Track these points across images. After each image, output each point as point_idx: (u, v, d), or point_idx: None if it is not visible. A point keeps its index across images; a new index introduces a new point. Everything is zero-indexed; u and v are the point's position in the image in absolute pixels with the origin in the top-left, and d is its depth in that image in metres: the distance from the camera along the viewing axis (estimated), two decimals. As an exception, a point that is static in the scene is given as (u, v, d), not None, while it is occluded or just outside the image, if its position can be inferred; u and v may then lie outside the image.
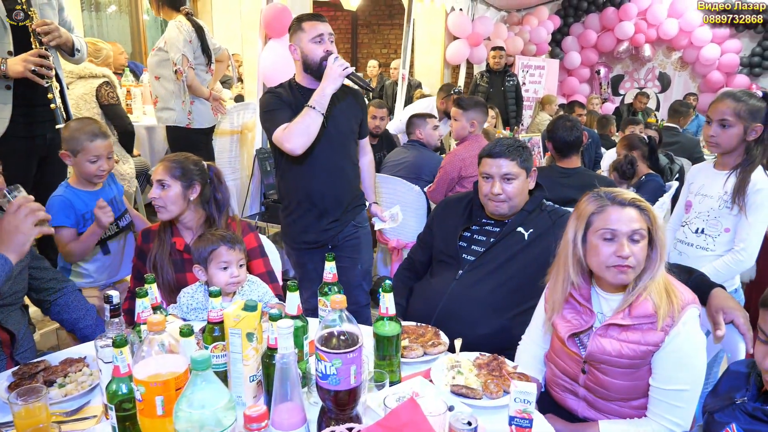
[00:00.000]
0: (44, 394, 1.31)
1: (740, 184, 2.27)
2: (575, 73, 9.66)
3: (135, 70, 5.57)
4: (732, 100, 2.27)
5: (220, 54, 4.14)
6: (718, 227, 2.36)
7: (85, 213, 2.48)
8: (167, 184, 2.06)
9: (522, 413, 1.27)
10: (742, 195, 2.26)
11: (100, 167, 2.44)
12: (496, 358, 1.66)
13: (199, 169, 2.14)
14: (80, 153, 2.41)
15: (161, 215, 2.09)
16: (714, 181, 2.40)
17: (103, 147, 2.43)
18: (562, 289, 1.65)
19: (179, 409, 1.04)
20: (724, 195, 2.33)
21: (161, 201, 2.06)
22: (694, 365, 1.50)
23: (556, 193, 2.96)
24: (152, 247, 2.13)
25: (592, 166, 5.35)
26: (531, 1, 8.99)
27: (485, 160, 2.16)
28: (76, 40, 2.86)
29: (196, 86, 3.77)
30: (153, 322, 1.19)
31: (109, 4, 6.72)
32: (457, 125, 3.68)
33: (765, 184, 2.26)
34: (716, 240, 2.37)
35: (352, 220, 2.69)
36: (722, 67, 8.86)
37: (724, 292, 1.76)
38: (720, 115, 2.29)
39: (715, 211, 2.36)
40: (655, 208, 1.66)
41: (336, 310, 1.23)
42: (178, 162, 2.10)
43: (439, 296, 2.11)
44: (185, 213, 2.12)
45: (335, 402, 1.22)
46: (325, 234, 2.64)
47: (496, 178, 2.11)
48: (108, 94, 3.82)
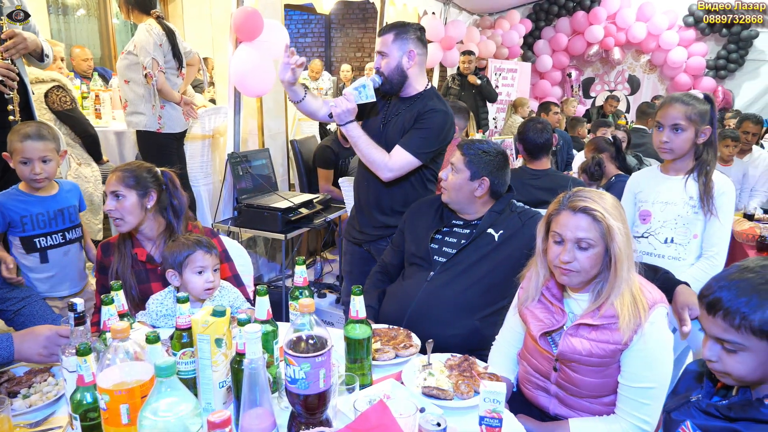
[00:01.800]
0: (7, 405, 1.28)
1: (705, 189, 2.23)
2: (547, 76, 9.79)
3: (104, 74, 5.48)
4: (681, 104, 2.23)
5: (191, 58, 4.10)
6: (687, 234, 2.29)
7: (24, 217, 2.40)
8: (122, 194, 2.00)
9: (492, 413, 1.28)
10: (710, 199, 2.22)
11: (33, 170, 2.36)
12: (467, 359, 1.67)
13: (153, 176, 2.09)
14: (13, 154, 2.36)
15: (120, 228, 2.04)
16: (670, 187, 2.33)
17: (34, 149, 2.34)
18: (535, 279, 1.70)
19: (144, 417, 1.03)
20: (689, 201, 2.27)
21: (118, 213, 2.01)
22: (660, 363, 1.53)
23: (527, 194, 3.00)
24: (113, 260, 2.07)
25: (564, 167, 5.43)
26: (503, 4, 9.07)
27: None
28: (45, 45, 2.81)
29: (167, 90, 3.73)
30: (117, 329, 1.18)
31: (77, 7, 6.60)
32: None
33: (727, 187, 2.26)
34: (687, 248, 2.30)
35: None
36: (689, 70, 9.04)
37: (689, 289, 1.79)
38: (672, 120, 2.24)
39: (683, 218, 2.28)
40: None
41: (305, 314, 1.22)
42: (130, 171, 2.05)
43: (410, 298, 2.11)
44: (144, 222, 2.07)
45: (305, 406, 1.21)
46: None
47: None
48: (60, 98, 3.71)
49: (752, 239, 3.47)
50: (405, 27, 2.42)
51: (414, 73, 2.45)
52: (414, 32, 2.42)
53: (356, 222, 2.70)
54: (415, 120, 2.42)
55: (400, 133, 2.45)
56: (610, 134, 4.63)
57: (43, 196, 2.46)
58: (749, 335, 1.13)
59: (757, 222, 3.74)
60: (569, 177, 3.61)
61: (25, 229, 2.41)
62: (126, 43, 3.99)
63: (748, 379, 1.18)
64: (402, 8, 6.72)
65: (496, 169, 2.15)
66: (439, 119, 2.42)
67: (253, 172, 4.04)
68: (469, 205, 2.19)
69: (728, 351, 1.17)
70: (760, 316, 1.11)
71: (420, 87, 2.49)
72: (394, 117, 2.49)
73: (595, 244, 1.53)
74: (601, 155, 3.70)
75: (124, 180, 2.02)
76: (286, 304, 3.54)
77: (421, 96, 2.48)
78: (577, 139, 6.16)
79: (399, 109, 2.50)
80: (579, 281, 1.58)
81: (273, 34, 3.77)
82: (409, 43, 2.40)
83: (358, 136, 2.40)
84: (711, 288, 1.19)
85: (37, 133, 2.37)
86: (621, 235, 1.51)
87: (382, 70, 2.42)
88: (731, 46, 8.86)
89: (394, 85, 2.45)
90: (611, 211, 1.53)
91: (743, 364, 1.16)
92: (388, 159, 2.41)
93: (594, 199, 1.55)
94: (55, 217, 2.47)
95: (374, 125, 2.52)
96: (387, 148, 2.42)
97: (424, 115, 2.41)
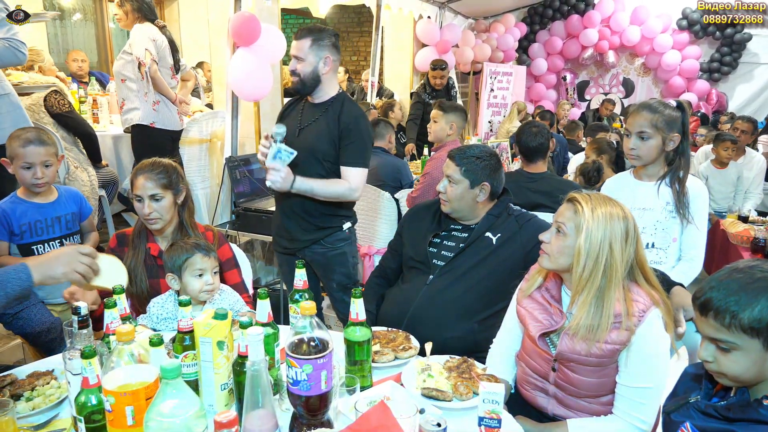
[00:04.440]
0: (11, 408, 1.29)
1: (679, 196, 2.26)
2: (542, 79, 9.83)
3: (101, 79, 5.50)
4: (648, 111, 2.25)
5: (186, 72, 4.16)
6: (667, 239, 2.32)
7: (22, 224, 2.41)
8: (160, 196, 2.04)
9: (491, 414, 1.30)
10: (686, 208, 2.26)
11: (35, 175, 2.38)
12: (465, 361, 1.69)
13: (179, 174, 2.13)
14: (15, 159, 2.37)
15: (155, 226, 2.07)
16: (645, 193, 2.34)
17: (36, 154, 2.37)
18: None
19: (150, 419, 1.05)
20: (666, 206, 2.29)
21: (156, 214, 2.04)
22: (657, 364, 1.56)
23: (523, 197, 3.02)
24: (127, 252, 2.10)
25: (560, 170, 5.46)
26: (498, 8, 9.11)
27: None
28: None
29: (159, 80, 3.77)
30: (122, 332, 1.19)
31: (74, 12, 6.61)
32: (437, 127, 3.71)
33: (700, 191, 2.30)
34: (667, 251, 2.34)
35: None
36: (683, 73, 9.10)
37: (684, 290, 1.82)
38: (638, 127, 2.26)
39: (662, 223, 2.30)
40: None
41: (306, 317, 1.24)
42: (163, 172, 2.07)
43: (410, 301, 2.13)
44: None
45: (306, 408, 1.23)
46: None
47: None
48: (58, 102, 3.73)
49: (746, 241, 3.50)
50: (321, 33, 2.45)
51: (328, 78, 2.49)
52: (329, 38, 2.46)
53: (284, 231, 2.64)
54: (341, 131, 2.44)
55: (324, 139, 2.46)
56: (607, 137, 4.67)
57: (42, 203, 2.47)
58: (740, 333, 1.15)
59: (752, 224, 3.78)
60: (565, 180, 3.64)
61: (24, 237, 2.42)
62: (122, 47, 4.02)
63: (743, 379, 1.19)
64: (397, 12, 6.74)
65: (493, 171, 2.20)
66: (364, 124, 2.50)
67: (251, 176, 4.06)
68: (471, 212, 2.22)
69: (722, 351, 1.19)
70: (749, 314, 1.13)
71: (332, 92, 2.53)
72: (312, 123, 2.51)
73: (566, 232, 1.61)
74: (601, 158, 3.72)
75: (159, 182, 2.05)
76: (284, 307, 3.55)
77: (334, 101, 2.51)
78: (573, 143, 6.20)
79: (315, 115, 2.51)
80: (549, 265, 1.66)
81: (270, 39, 3.79)
82: (325, 50, 2.44)
83: (311, 188, 2.42)
84: (702, 289, 1.22)
85: (38, 138, 2.39)
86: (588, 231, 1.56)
87: (299, 72, 2.44)
88: (725, 49, 8.92)
89: (308, 88, 2.49)
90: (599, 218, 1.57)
91: (737, 363, 1.17)
92: (347, 184, 2.46)
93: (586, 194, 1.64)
94: (52, 224, 2.48)
95: (290, 133, 2.47)
96: (304, 152, 2.42)
97: (349, 126, 2.44)
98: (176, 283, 1.90)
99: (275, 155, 2.29)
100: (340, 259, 2.62)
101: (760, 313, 1.12)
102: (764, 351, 1.14)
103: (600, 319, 1.54)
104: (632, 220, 1.59)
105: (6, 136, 2.49)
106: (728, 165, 4.70)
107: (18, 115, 2.96)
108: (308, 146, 2.45)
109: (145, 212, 2.03)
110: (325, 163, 2.48)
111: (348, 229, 2.63)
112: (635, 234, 1.58)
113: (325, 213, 2.54)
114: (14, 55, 2.79)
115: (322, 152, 2.47)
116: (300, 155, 2.34)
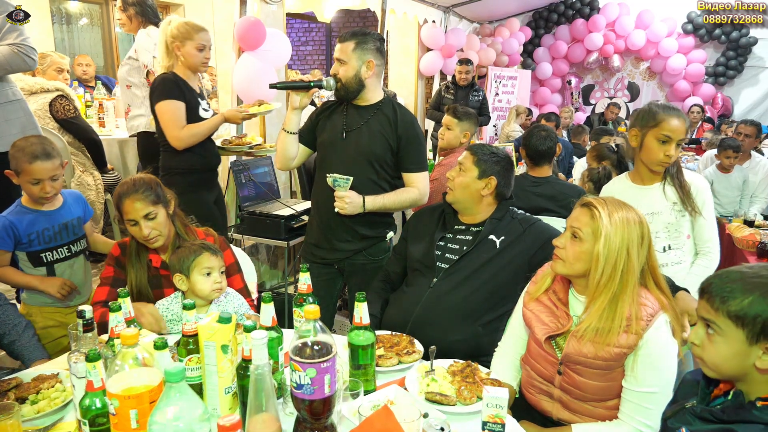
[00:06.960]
0: (16, 411, 1.29)
1: (683, 192, 2.27)
2: (547, 83, 9.83)
3: (107, 83, 5.52)
4: (683, 119, 2.23)
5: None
6: (681, 238, 2.32)
7: (30, 233, 2.39)
8: (153, 213, 2.02)
9: (494, 418, 1.30)
10: (691, 200, 2.26)
11: (43, 189, 2.34)
12: (469, 365, 1.69)
13: (160, 185, 2.11)
14: (21, 174, 2.33)
15: (157, 244, 2.06)
16: (651, 197, 2.32)
17: (44, 169, 2.31)
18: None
19: (153, 422, 1.05)
20: (674, 206, 2.29)
21: (155, 232, 2.03)
22: (664, 368, 1.55)
23: (527, 201, 3.01)
24: (128, 269, 2.09)
25: (565, 175, 5.45)
26: (502, 12, 9.13)
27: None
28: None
29: None
30: (126, 335, 1.20)
31: (80, 16, 6.65)
32: (451, 134, 3.69)
33: (701, 182, 2.32)
34: (684, 249, 2.34)
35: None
36: (689, 77, 9.08)
37: (689, 295, 1.81)
38: (681, 134, 2.21)
39: (673, 224, 2.30)
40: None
41: (310, 321, 1.24)
42: (148, 189, 2.04)
43: (413, 304, 2.13)
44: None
45: (310, 411, 1.23)
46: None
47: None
48: (64, 107, 3.72)
49: (753, 245, 3.48)
50: (366, 36, 2.42)
51: (371, 83, 2.46)
52: (374, 42, 2.42)
53: (324, 241, 2.57)
54: (399, 136, 2.43)
55: (378, 143, 2.43)
56: (612, 141, 4.65)
57: (49, 211, 2.45)
58: (725, 318, 1.17)
59: (758, 228, 3.76)
60: (569, 184, 3.62)
61: (32, 245, 2.41)
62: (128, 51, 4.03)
63: (722, 369, 1.21)
64: (402, 16, 6.76)
65: (503, 170, 2.21)
66: (419, 128, 2.51)
67: (256, 180, 4.07)
68: (473, 206, 2.22)
69: (709, 335, 1.21)
70: (738, 304, 1.15)
71: (377, 97, 2.49)
72: (362, 125, 2.46)
73: (582, 237, 1.60)
74: (604, 163, 3.70)
75: (149, 200, 2.02)
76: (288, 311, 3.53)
77: (382, 104, 2.48)
78: (579, 147, 6.19)
79: (363, 118, 2.46)
80: (563, 270, 1.66)
81: (276, 44, 3.81)
82: (369, 54, 2.41)
83: (383, 204, 2.42)
84: (709, 278, 1.25)
85: (43, 152, 2.32)
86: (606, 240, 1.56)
87: (340, 76, 2.42)
88: (730, 53, 8.91)
89: (350, 93, 2.44)
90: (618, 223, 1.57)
91: (718, 351, 1.20)
92: (417, 191, 2.48)
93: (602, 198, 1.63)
94: (60, 231, 2.47)
95: (333, 136, 2.48)
96: (351, 154, 2.42)
97: (408, 131, 2.44)
98: (184, 284, 1.91)
99: (338, 181, 2.38)
100: (378, 273, 2.56)
101: (749, 305, 1.14)
102: (747, 345, 1.16)
103: (612, 322, 1.54)
104: (646, 223, 1.61)
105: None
106: (733, 169, 4.68)
107: (28, 122, 2.95)
108: (359, 149, 2.44)
109: (144, 234, 2.01)
110: (376, 164, 2.45)
111: (390, 239, 2.62)
112: (648, 238, 1.59)
113: (370, 221, 2.51)
114: (23, 61, 2.77)
115: (375, 155, 2.43)
116: (348, 157, 2.41)
